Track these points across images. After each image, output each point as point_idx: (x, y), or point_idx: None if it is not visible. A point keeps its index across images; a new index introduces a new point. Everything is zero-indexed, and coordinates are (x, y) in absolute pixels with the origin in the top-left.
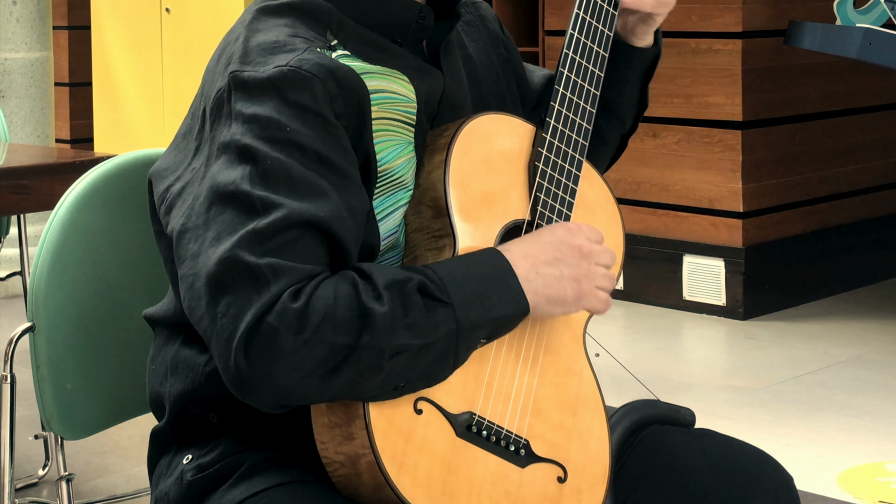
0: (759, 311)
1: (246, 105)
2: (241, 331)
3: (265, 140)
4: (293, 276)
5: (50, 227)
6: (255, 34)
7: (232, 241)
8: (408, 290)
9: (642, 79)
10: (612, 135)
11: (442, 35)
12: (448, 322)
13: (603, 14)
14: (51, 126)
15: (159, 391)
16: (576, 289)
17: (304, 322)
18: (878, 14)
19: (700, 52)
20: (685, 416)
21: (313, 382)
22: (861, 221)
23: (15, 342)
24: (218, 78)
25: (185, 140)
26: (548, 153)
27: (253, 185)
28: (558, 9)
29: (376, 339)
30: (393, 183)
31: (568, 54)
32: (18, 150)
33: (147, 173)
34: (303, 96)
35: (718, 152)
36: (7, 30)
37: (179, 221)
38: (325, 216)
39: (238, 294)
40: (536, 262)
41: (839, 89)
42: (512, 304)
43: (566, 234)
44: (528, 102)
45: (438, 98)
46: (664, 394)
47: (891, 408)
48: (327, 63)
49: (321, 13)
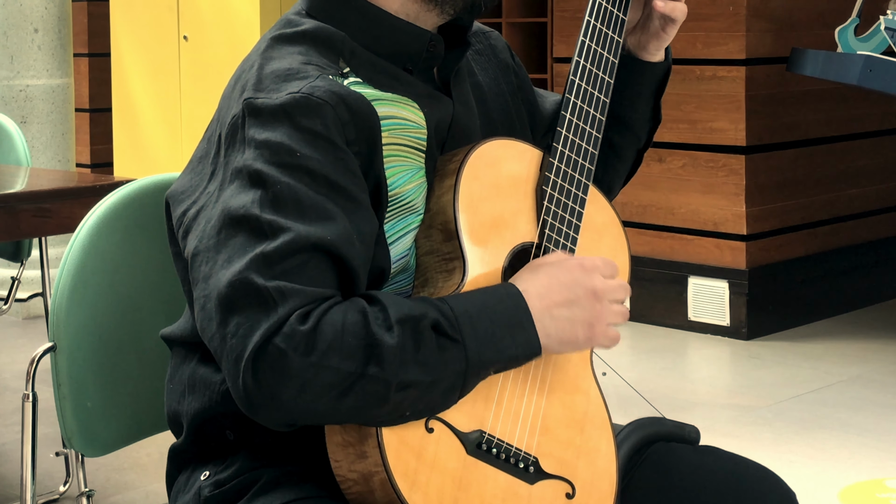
0: (762, 331)
1: (259, 131)
2: (249, 351)
3: (276, 165)
4: (301, 299)
5: (70, 249)
6: (270, 62)
7: (242, 263)
8: (421, 328)
9: (655, 93)
10: (627, 150)
11: (452, 63)
12: (459, 361)
13: (608, 41)
14: (71, 151)
15: (177, 409)
16: (587, 332)
17: (311, 345)
18: (878, 42)
19: (704, 78)
20: (690, 434)
21: (320, 405)
22: (862, 244)
23: (37, 362)
24: (233, 104)
25: (200, 164)
26: (555, 177)
27: (263, 210)
28: (566, 37)
29: (384, 371)
30: (404, 207)
31: (574, 80)
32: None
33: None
34: (314, 122)
35: (722, 176)
36: (29, 57)
37: (193, 244)
38: (333, 239)
39: (247, 315)
40: (551, 304)
41: (840, 115)
42: (524, 345)
43: (582, 274)
44: (540, 128)
45: (448, 124)
46: (670, 412)
47: (891, 426)
48: (338, 90)
49: (334, 41)
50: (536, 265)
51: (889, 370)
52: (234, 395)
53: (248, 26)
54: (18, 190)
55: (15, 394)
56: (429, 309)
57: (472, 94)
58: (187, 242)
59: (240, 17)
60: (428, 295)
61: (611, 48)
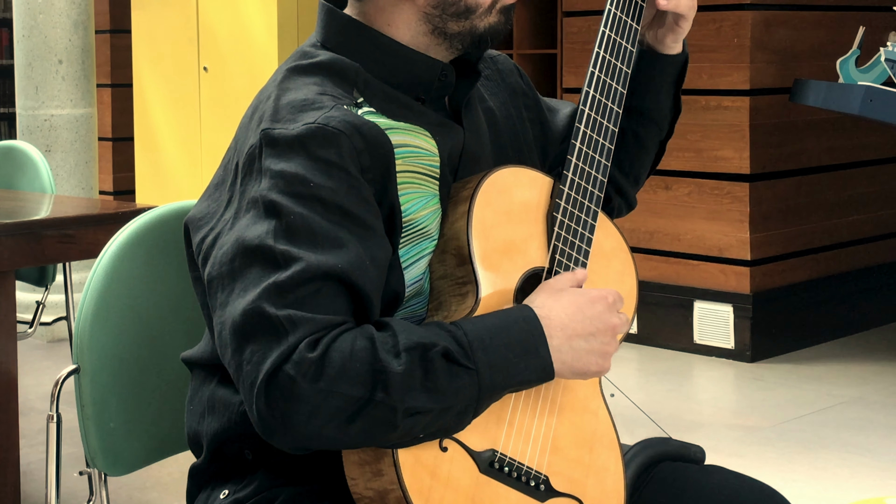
0: (766, 353)
1: (275, 161)
2: (262, 378)
3: (290, 195)
4: (311, 327)
5: (94, 274)
6: (286, 93)
7: (256, 293)
8: (431, 356)
9: (675, 83)
10: (650, 141)
11: (463, 93)
12: (471, 387)
13: (618, 73)
14: (95, 178)
15: (197, 430)
16: (599, 364)
17: (320, 372)
18: (878, 73)
19: (710, 108)
20: (696, 453)
21: (330, 430)
22: (862, 269)
23: (61, 383)
24: (250, 134)
25: (217, 191)
26: (565, 204)
27: (276, 240)
28: (576, 67)
29: (391, 398)
30: (418, 233)
31: (584, 110)
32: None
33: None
34: (328, 152)
35: (727, 203)
36: (54, 87)
37: (210, 271)
38: (344, 267)
39: (260, 343)
40: (573, 335)
41: (842, 144)
42: (538, 370)
43: (605, 309)
44: (553, 144)
45: (459, 152)
46: (676, 432)
47: (891, 445)
48: (353, 120)
49: (348, 72)
50: (558, 289)
51: (889, 391)
52: (250, 418)
53: (266, 58)
54: (43, 217)
55: (40, 415)
56: (441, 337)
57: (483, 119)
58: (205, 268)
59: (258, 48)
60: (442, 318)
61: (619, 78)
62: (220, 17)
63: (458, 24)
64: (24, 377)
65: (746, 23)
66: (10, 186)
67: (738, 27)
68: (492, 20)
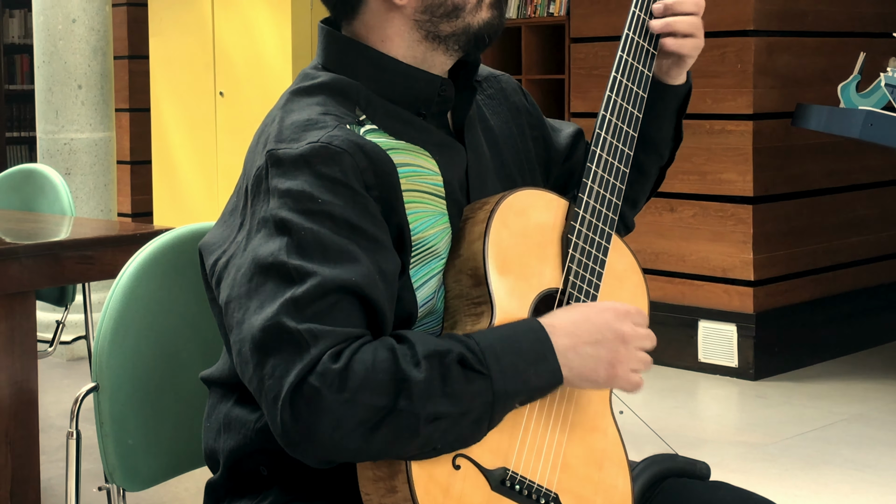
0: (769, 372)
1: (281, 180)
2: (286, 390)
3: (299, 212)
4: (331, 339)
5: (112, 294)
6: (290, 114)
7: (273, 308)
8: (447, 362)
9: (677, 112)
10: (651, 167)
11: (464, 106)
12: (485, 393)
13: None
14: (113, 201)
15: (213, 447)
16: (609, 372)
17: (344, 382)
18: (878, 97)
19: (714, 132)
20: (701, 469)
21: (354, 440)
22: (863, 289)
23: (80, 401)
24: (257, 157)
25: (231, 217)
26: (580, 226)
27: (289, 256)
28: (583, 92)
29: (413, 405)
30: (427, 252)
31: (601, 135)
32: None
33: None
34: (332, 170)
35: (731, 225)
36: (73, 112)
37: (226, 293)
38: (357, 280)
39: (282, 357)
40: (579, 341)
41: (843, 167)
42: (547, 376)
43: (614, 318)
44: (556, 163)
45: (464, 170)
46: (681, 448)
47: (891, 462)
48: (355, 139)
49: (350, 90)
50: (574, 305)
51: (889, 409)
52: (273, 432)
53: (280, 82)
54: (63, 238)
55: (60, 431)
56: (455, 344)
57: (484, 139)
58: (220, 290)
59: (273, 73)
60: None
61: (635, 102)
62: (236, 43)
63: (451, 24)
64: (45, 395)
65: (750, 49)
66: (30, 208)
67: (742, 53)
68: (484, 16)
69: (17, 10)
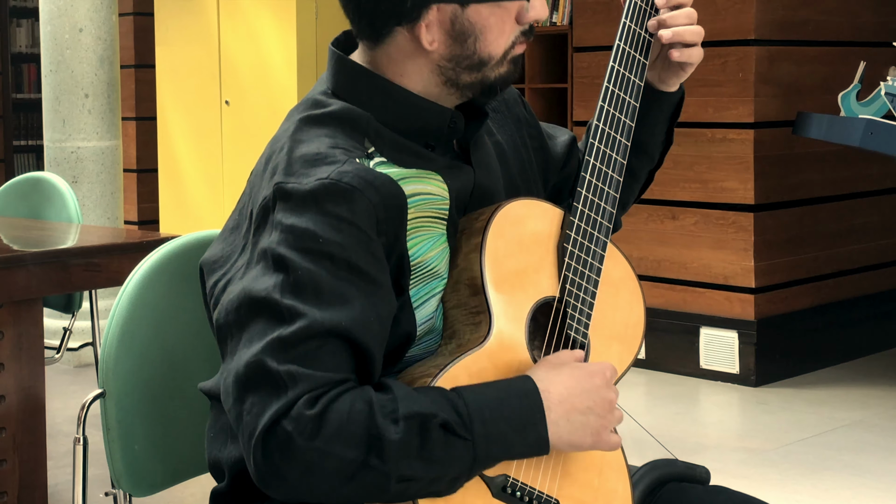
0: (770, 378)
1: (286, 216)
2: (260, 430)
3: (298, 250)
4: (310, 384)
5: (119, 301)
6: (299, 145)
7: (259, 346)
8: (430, 426)
9: (670, 118)
10: (641, 171)
11: (471, 134)
12: (466, 458)
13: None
14: (120, 209)
15: (217, 457)
16: (594, 438)
17: (316, 430)
18: (879, 106)
19: (715, 141)
20: (701, 474)
21: (323, 487)
22: (863, 296)
23: (87, 407)
24: (264, 185)
25: (233, 235)
26: (575, 235)
27: (283, 295)
28: (585, 101)
29: (385, 464)
30: (427, 273)
31: (594, 144)
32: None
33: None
34: (340, 208)
35: (732, 233)
36: (80, 121)
37: (220, 317)
38: (347, 325)
39: (260, 396)
40: (572, 409)
41: (843, 175)
42: (534, 445)
43: (603, 384)
44: (553, 170)
45: (469, 191)
46: (682, 454)
47: (891, 467)
48: (365, 175)
49: (359, 122)
50: (558, 363)
51: (889, 415)
52: (248, 468)
53: (285, 92)
54: (70, 246)
55: (67, 437)
56: (441, 407)
57: (493, 154)
58: (215, 313)
59: (278, 83)
60: (455, 346)
61: (627, 111)
62: (242, 52)
63: (471, 75)
64: (52, 401)
65: (751, 58)
66: (37, 216)
67: (743, 62)
68: (502, 70)
69: (25, 19)
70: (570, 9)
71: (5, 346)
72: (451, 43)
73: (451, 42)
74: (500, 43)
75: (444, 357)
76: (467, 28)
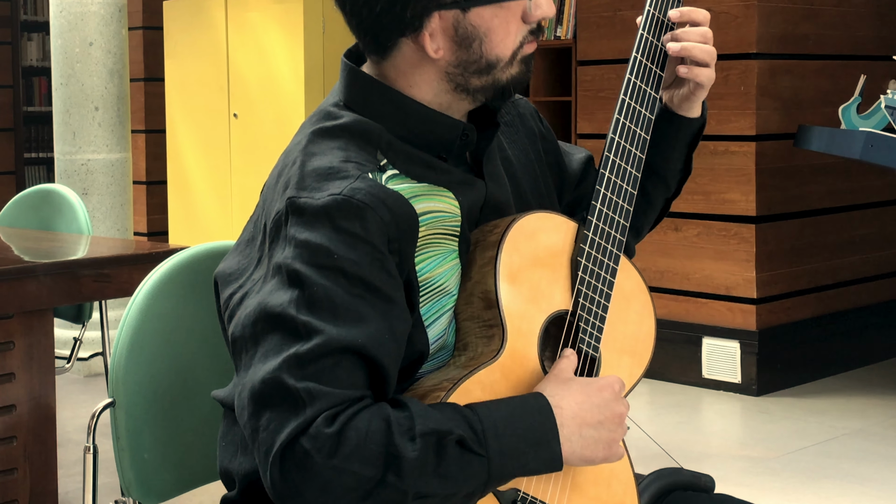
0: (771, 388)
1: (300, 230)
2: (277, 447)
3: (313, 266)
4: (328, 401)
5: (129, 311)
6: (311, 158)
7: (276, 362)
8: (446, 443)
9: (687, 146)
10: (657, 198)
11: (484, 145)
12: (481, 474)
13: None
14: (129, 220)
15: (228, 467)
16: (606, 452)
17: (334, 448)
18: (879, 119)
19: (718, 153)
20: (706, 483)
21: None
22: (863, 307)
23: (97, 416)
24: (277, 198)
25: (248, 247)
26: (589, 249)
27: (298, 311)
28: (589, 114)
29: (402, 481)
30: (437, 290)
31: (609, 156)
32: (100, 242)
33: (216, 264)
34: (353, 224)
35: (734, 244)
36: (90, 133)
37: (235, 330)
38: (363, 341)
39: (277, 413)
40: (583, 424)
41: (844, 187)
42: (547, 461)
43: (613, 398)
44: (568, 187)
45: (480, 206)
46: (686, 462)
47: (891, 475)
48: (378, 192)
49: (371, 134)
50: (565, 378)
51: (889, 424)
52: (263, 484)
53: (293, 104)
54: (80, 257)
55: (77, 446)
56: (456, 424)
57: (503, 168)
58: (230, 325)
59: (286, 95)
60: (468, 359)
61: (642, 124)
62: (250, 65)
63: (481, 79)
64: (63, 410)
65: (753, 71)
66: (48, 228)
67: (745, 76)
68: (513, 71)
69: (36, 33)
70: (574, 23)
71: (16, 355)
72: (457, 49)
73: (456, 48)
74: (506, 44)
75: (457, 370)
76: (471, 32)
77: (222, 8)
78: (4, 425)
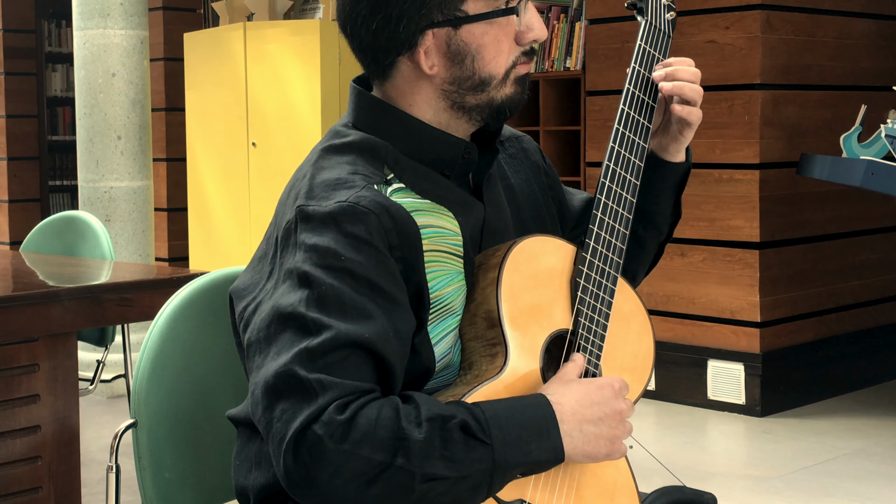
0: (775, 409)
1: (309, 236)
2: (291, 435)
3: (322, 267)
4: (339, 391)
5: (150, 335)
6: (320, 171)
7: (288, 357)
8: (449, 426)
9: (675, 190)
10: (650, 242)
11: (485, 168)
12: (485, 461)
13: (635, 146)
14: (151, 246)
15: (244, 484)
16: (608, 448)
17: (346, 434)
18: (879, 147)
19: (722, 181)
20: (708, 500)
21: (351, 491)
22: (864, 330)
23: (119, 436)
24: (287, 210)
25: (260, 263)
26: (588, 270)
27: (308, 308)
28: (598, 143)
29: (410, 463)
30: (443, 309)
31: (605, 182)
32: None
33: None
34: (358, 229)
35: (738, 269)
36: (113, 161)
37: (249, 336)
38: (370, 337)
39: (291, 402)
40: (583, 419)
41: (845, 214)
42: (550, 452)
43: (613, 396)
44: (569, 223)
45: (480, 228)
46: (690, 481)
47: (891, 494)
48: (382, 200)
49: (379, 150)
50: (568, 379)
51: (890, 444)
52: (277, 473)
53: (310, 134)
54: (103, 282)
55: (100, 465)
56: (460, 411)
57: (504, 196)
58: (245, 333)
59: (303, 125)
60: (473, 377)
61: (637, 152)
62: (268, 96)
63: (476, 97)
64: (86, 431)
65: (756, 101)
66: (72, 253)
67: (749, 105)
68: (508, 91)
69: (60, 64)
70: (584, 54)
71: (41, 377)
72: (450, 65)
73: (449, 64)
74: (498, 62)
75: (462, 387)
76: (462, 48)
77: (241, 40)
78: (29, 445)
